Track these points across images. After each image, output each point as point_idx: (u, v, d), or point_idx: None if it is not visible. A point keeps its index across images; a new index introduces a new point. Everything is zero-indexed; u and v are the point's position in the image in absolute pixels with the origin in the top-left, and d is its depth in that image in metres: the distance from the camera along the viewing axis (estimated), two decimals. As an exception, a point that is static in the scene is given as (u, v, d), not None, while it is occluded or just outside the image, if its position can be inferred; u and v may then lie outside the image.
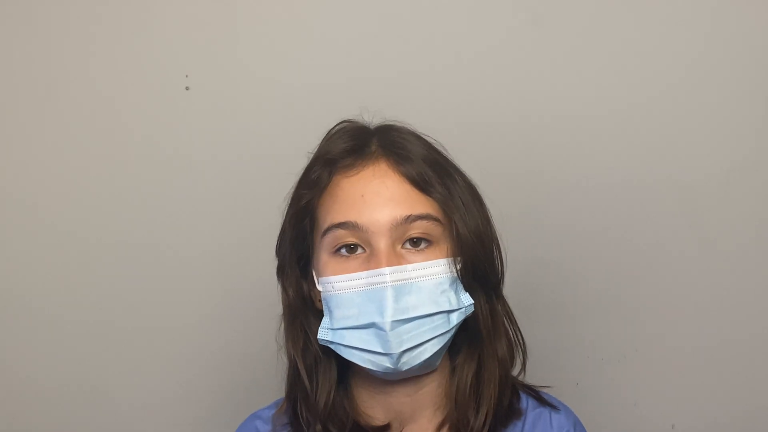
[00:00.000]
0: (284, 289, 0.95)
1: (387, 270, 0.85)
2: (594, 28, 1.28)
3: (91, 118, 1.26)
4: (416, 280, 0.86)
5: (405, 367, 0.86)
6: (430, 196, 0.89)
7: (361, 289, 0.86)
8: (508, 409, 0.94)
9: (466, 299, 0.89)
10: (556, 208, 1.30)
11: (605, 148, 1.29)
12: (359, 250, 0.88)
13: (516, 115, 1.28)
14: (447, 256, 0.88)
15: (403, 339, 0.85)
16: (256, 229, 1.27)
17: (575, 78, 1.28)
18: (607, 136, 1.29)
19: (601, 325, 1.33)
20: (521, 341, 0.96)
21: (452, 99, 1.27)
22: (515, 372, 0.97)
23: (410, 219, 0.87)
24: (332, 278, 0.88)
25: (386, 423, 0.93)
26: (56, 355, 1.29)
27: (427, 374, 0.92)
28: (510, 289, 0.97)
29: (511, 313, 0.96)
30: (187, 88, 1.26)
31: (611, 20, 1.28)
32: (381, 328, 0.85)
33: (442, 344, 0.87)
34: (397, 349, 0.85)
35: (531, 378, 1.00)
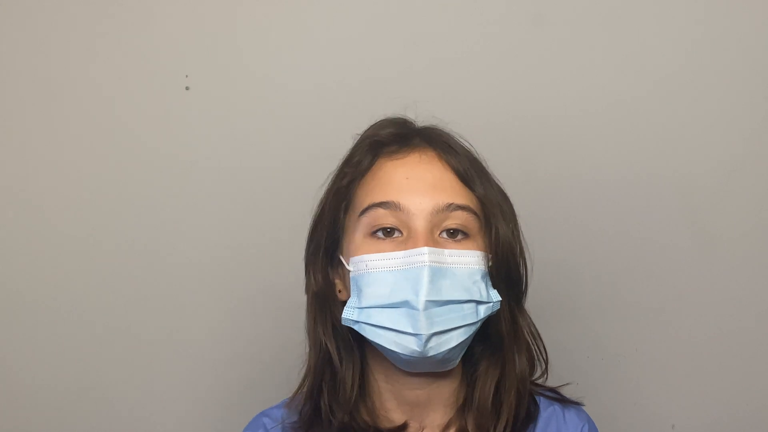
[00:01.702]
0: (313, 275, 0.95)
1: (426, 250, 0.85)
2: (593, 26, 1.28)
3: (91, 118, 1.26)
4: (451, 265, 0.86)
5: (431, 353, 0.85)
6: (472, 191, 0.90)
7: (397, 268, 0.86)
8: (524, 418, 0.94)
9: (495, 295, 0.89)
10: (556, 208, 1.30)
11: (604, 148, 1.29)
12: (396, 234, 0.88)
13: (513, 115, 1.28)
14: (481, 251, 0.89)
15: (434, 321, 0.85)
16: (256, 231, 1.27)
17: (573, 75, 1.28)
18: (606, 135, 1.29)
19: (601, 325, 1.33)
20: (545, 356, 0.97)
21: (452, 98, 1.27)
22: (535, 376, 0.98)
23: (452, 207, 0.88)
24: (366, 256, 0.87)
25: (404, 422, 0.93)
26: (59, 357, 1.29)
27: (444, 372, 0.92)
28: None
29: (534, 328, 0.96)
30: (187, 88, 1.26)
31: (610, 17, 1.28)
32: (414, 307, 0.84)
33: (466, 336, 0.87)
34: (426, 331, 0.84)
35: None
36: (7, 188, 1.27)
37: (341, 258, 0.92)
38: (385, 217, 0.88)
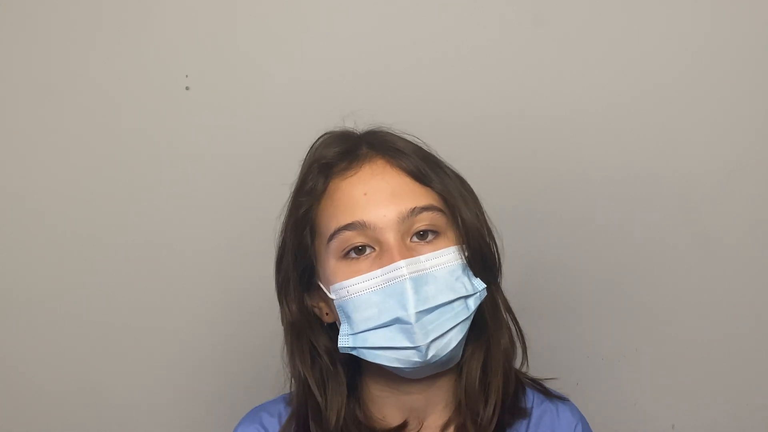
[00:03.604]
0: (287, 306, 0.94)
1: (403, 263, 0.84)
2: (594, 25, 1.28)
3: (91, 118, 1.26)
4: (431, 269, 0.86)
5: (434, 360, 0.85)
6: (431, 188, 0.90)
7: (378, 287, 0.85)
8: (513, 403, 0.94)
9: (479, 284, 0.89)
10: (556, 207, 1.30)
11: (605, 146, 1.29)
12: (368, 251, 0.87)
13: (514, 113, 1.28)
14: (454, 245, 0.89)
15: (428, 329, 0.84)
16: (256, 229, 1.26)
17: (574, 75, 1.28)
18: (607, 134, 1.29)
19: (601, 325, 1.33)
20: (520, 332, 0.96)
21: (451, 96, 1.27)
22: (518, 364, 0.97)
23: (416, 211, 0.87)
24: (346, 282, 0.87)
25: (402, 422, 0.93)
26: (56, 355, 1.29)
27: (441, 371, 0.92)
28: (510, 289, 0.97)
29: (508, 304, 0.96)
30: (187, 88, 1.26)
31: (611, 16, 1.28)
32: (406, 322, 0.84)
33: (463, 332, 0.87)
34: (424, 341, 0.84)
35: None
36: (5, 187, 1.27)
37: (320, 284, 0.91)
38: (354, 238, 0.87)
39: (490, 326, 0.93)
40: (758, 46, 1.29)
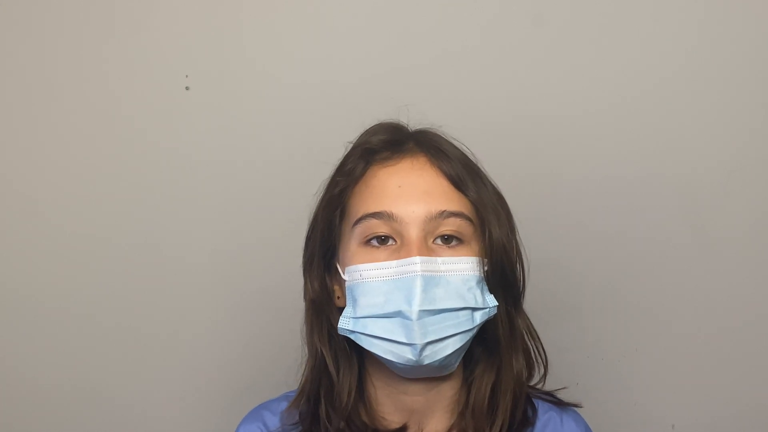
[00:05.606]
0: (310, 282, 0.95)
1: (418, 259, 0.85)
2: (596, 26, 1.28)
3: (91, 118, 1.26)
4: (445, 273, 0.86)
5: (426, 361, 0.85)
6: (465, 196, 0.90)
7: (390, 277, 0.86)
8: (520, 421, 0.94)
9: (491, 300, 0.89)
10: (556, 207, 1.30)
11: (605, 147, 1.29)
12: (389, 242, 0.88)
13: (513, 115, 1.28)
14: (476, 256, 0.89)
15: (428, 330, 0.85)
16: (256, 230, 1.27)
17: (573, 75, 1.28)
18: (606, 135, 1.29)
19: (601, 325, 1.33)
20: (544, 357, 0.97)
21: (454, 98, 1.28)
22: (533, 381, 0.97)
23: (444, 214, 0.88)
24: (361, 266, 0.88)
25: (403, 424, 0.93)
26: (57, 356, 1.29)
27: (443, 376, 0.92)
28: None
29: (533, 328, 0.96)
30: (187, 88, 1.26)
31: (613, 17, 1.28)
32: (407, 317, 0.84)
33: (463, 342, 0.87)
34: (420, 340, 0.84)
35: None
36: (6, 187, 1.27)
37: (337, 266, 0.92)
38: (379, 227, 0.88)
39: (504, 348, 0.93)
40: (757, 46, 1.29)
